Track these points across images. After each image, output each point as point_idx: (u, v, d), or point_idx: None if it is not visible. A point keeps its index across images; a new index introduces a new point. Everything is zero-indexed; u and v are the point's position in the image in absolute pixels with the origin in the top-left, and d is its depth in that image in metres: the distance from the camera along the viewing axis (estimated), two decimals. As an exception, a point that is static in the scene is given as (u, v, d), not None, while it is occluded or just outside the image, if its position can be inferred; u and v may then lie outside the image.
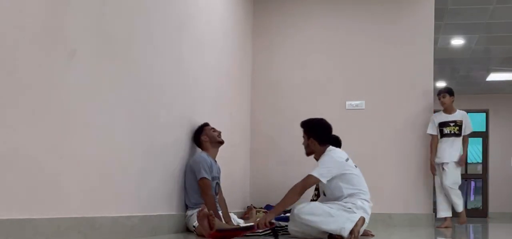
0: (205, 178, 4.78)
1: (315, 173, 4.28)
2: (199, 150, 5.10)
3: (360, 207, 4.26)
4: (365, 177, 4.77)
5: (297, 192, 4.25)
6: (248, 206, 6.76)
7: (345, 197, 4.33)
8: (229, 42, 6.38)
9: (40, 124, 2.98)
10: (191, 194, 4.86)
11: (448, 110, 7.03)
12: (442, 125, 6.91)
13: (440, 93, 7.16)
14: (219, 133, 5.14)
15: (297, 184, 4.29)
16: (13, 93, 2.78)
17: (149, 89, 4.26)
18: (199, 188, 4.80)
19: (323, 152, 4.46)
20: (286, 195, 4.25)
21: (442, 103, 7.07)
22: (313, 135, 4.48)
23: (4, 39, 2.72)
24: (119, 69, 3.81)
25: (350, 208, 4.24)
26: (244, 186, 7.03)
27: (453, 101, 7.13)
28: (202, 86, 5.41)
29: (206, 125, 5.12)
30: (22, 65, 2.85)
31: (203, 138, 5.05)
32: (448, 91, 7.16)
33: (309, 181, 4.33)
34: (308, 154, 4.59)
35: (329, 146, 4.51)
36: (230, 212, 5.16)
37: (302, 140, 4.63)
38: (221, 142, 5.14)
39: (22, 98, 2.85)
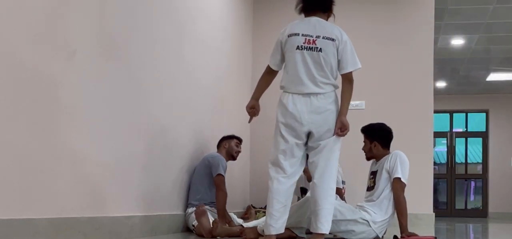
0: (222, 174, 4.89)
1: (403, 179, 4.31)
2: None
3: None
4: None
5: (404, 201, 4.29)
6: (247, 206, 6.77)
7: (386, 218, 4.35)
8: (229, 42, 6.38)
9: (40, 123, 2.98)
10: (198, 190, 4.88)
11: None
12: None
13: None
14: (239, 152, 5.37)
15: (402, 196, 4.28)
16: (13, 93, 2.79)
17: (149, 89, 4.26)
18: (213, 183, 4.87)
19: (385, 154, 4.46)
20: (403, 208, 4.26)
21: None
22: (377, 139, 4.50)
23: (4, 39, 2.72)
24: (119, 69, 3.82)
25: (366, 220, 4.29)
26: (244, 186, 7.04)
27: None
28: (202, 86, 5.41)
29: (236, 138, 5.33)
30: (22, 65, 2.85)
31: (224, 144, 5.27)
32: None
33: (403, 187, 4.34)
34: (369, 158, 4.61)
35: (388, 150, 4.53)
36: (230, 212, 5.16)
37: None
38: (233, 158, 5.34)
39: (23, 98, 2.85)
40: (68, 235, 3.16)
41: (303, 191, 6.03)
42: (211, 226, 4.31)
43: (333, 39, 3.56)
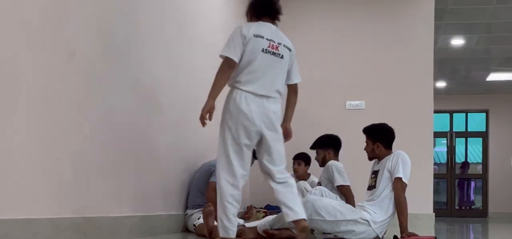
0: None
1: (405, 179, 4.29)
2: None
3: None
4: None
5: (404, 201, 4.27)
6: (248, 206, 6.76)
7: (387, 218, 4.33)
8: (229, 42, 6.37)
9: (40, 123, 2.98)
10: (197, 194, 4.87)
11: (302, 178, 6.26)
12: None
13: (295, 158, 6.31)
14: None
15: (402, 196, 4.27)
16: (13, 93, 2.79)
17: (149, 89, 4.26)
18: (208, 187, 4.79)
19: (387, 154, 4.44)
20: (404, 208, 4.25)
21: (295, 171, 6.27)
22: (379, 140, 4.49)
23: (4, 39, 2.72)
24: (119, 69, 3.82)
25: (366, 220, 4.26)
26: (244, 186, 7.02)
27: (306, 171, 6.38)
28: (202, 86, 5.40)
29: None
30: (22, 65, 2.85)
31: None
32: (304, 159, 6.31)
33: (404, 187, 4.32)
34: (371, 158, 4.60)
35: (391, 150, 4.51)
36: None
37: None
38: None
39: (22, 98, 2.85)
40: (68, 235, 3.16)
41: None
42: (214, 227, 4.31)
43: (290, 50, 3.69)
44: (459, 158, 14.58)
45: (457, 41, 9.68)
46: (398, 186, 4.28)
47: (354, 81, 7.21)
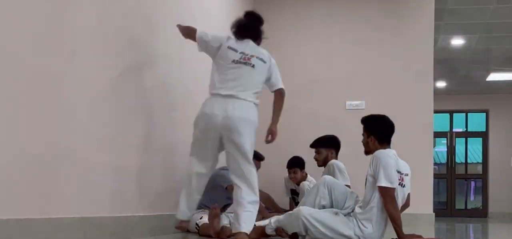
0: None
1: (389, 184, 3.90)
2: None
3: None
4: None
5: (393, 210, 3.92)
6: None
7: (381, 230, 4.04)
8: (229, 42, 6.37)
9: (40, 123, 2.98)
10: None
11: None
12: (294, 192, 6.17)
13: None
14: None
15: (389, 204, 3.89)
16: (13, 93, 2.79)
17: (149, 89, 4.26)
18: (219, 195, 4.86)
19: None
20: (393, 216, 3.89)
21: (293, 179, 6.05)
22: (375, 133, 4.12)
23: (5, 39, 2.72)
24: (119, 69, 3.81)
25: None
26: (244, 186, 7.02)
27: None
28: (202, 86, 5.39)
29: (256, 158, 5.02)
30: (23, 65, 2.85)
31: None
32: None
33: (391, 192, 3.94)
34: (367, 153, 4.20)
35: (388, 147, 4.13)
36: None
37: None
38: None
39: (22, 98, 2.85)
40: (68, 235, 3.16)
41: (294, 192, 6.08)
42: (220, 229, 4.30)
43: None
44: (459, 158, 14.58)
45: (457, 41, 9.68)
46: (384, 194, 3.93)
47: (354, 81, 7.21)
